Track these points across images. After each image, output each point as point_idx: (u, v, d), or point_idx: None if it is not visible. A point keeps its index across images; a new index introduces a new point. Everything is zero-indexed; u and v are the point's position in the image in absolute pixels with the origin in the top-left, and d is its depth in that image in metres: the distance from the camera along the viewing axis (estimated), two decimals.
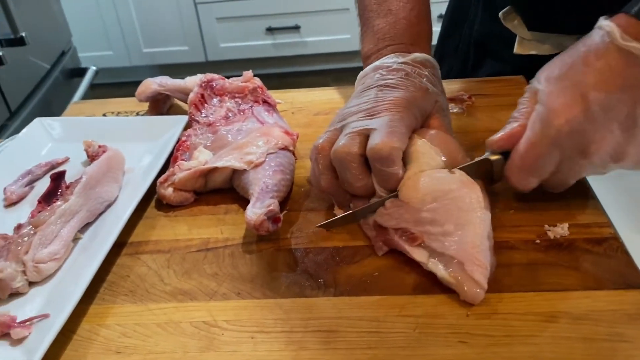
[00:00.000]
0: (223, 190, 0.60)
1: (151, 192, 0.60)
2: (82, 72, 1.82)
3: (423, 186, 0.49)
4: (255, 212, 0.51)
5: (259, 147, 0.59)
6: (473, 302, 0.44)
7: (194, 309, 0.47)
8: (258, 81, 0.69)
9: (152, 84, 0.73)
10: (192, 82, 0.70)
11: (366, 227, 0.52)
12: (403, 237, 0.49)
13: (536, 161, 0.48)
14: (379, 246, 0.51)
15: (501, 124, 0.52)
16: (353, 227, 0.53)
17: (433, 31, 0.64)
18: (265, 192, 0.54)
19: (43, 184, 0.62)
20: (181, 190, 0.59)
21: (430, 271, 0.47)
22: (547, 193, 0.52)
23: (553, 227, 0.51)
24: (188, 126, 0.67)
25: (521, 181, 0.50)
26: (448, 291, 0.46)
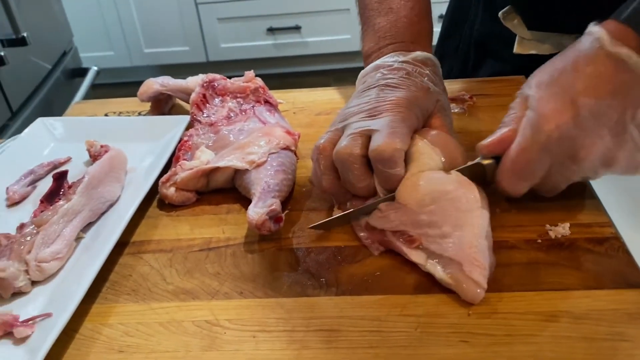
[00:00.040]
0: (225, 190, 0.60)
1: (153, 192, 0.60)
2: (84, 72, 1.83)
3: (420, 188, 0.49)
4: (257, 212, 0.51)
5: (261, 147, 0.59)
6: (473, 302, 0.44)
7: (196, 308, 0.47)
8: (260, 81, 0.69)
9: (154, 84, 0.73)
10: (194, 82, 0.70)
11: (358, 229, 0.52)
12: (401, 239, 0.49)
13: (527, 166, 0.48)
14: (376, 246, 0.51)
15: None
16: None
17: (433, 31, 0.64)
18: (267, 192, 0.54)
19: (45, 184, 0.62)
20: (183, 190, 0.59)
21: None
22: None
23: (554, 227, 0.51)
24: (190, 126, 0.67)
25: (512, 186, 0.50)
26: (449, 291, 0.46)
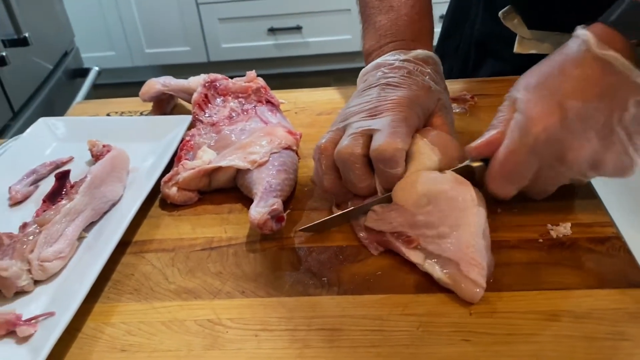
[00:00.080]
0: (227, 189, 0.60)
1: (155, 192, 0.60)
2: (85, 73, 1.83)
3: (416, 189, 0.49)
4: (259, 211, 0.51)
5: (263, 147, 0.59)
6: (472, 301, 0.45)
7: (198, 308, 0.47)
8: (261, 81, 0.70)
9: (156, 84, 0.73)
10: (196, 82, 0.71)
11: (357, 228, 0.52)
12: (399, 240, 0.49)
13: (515, 168, 0.48)
14: (374, 246, 0.51)
15: None
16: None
17: (434, 31, 0.64)
18: (268, 192, 0.54)
19: (47, 184, 0.62)
20: (185, 189, 0.59)
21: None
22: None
23: (556, 227, 0.51)
24: (192, 126, 0.67)
25: (500, 188, 0.50)
26: (451, 290, 0.46)
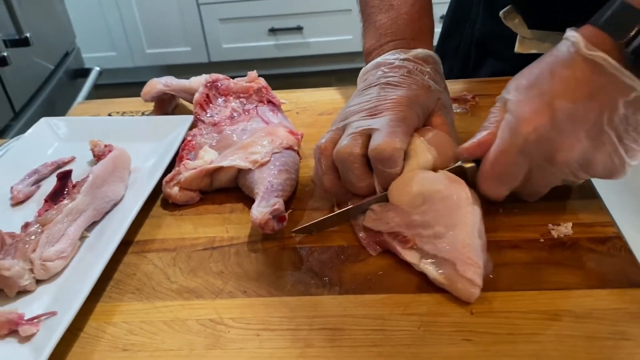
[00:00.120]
0: (228, 189, 0.61)
1: (157, 192, 0.60)
2: (86, 73, 1.83)
3: (411, 188, 0.49)
4: (260, 211, 0.51)
5: (264, 147, 0.59)
6: (469, 301, 0.45)
7: (200, 307, 0.47)
8: (263, 81, 0.70)
9: (158, 84, 0.73)
10: (197, 83, 0.71)
11: (357, 228, 0.53)
12: (395, 240, 0.49)
13: (505, 169, 0.48)
14: (372, 247, 0.51)
15: None
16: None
17: (434, 30, 0.64)
18: (270, 191, 0.54)
19: (49, 183, 0.62)
20: (187, 189, 0.59)
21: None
22: (551, 193, 0.52)
23: (557, 227, 0.51)
24: (193, 126, 0.67)
25: (492, 189, 0.50)
26: None
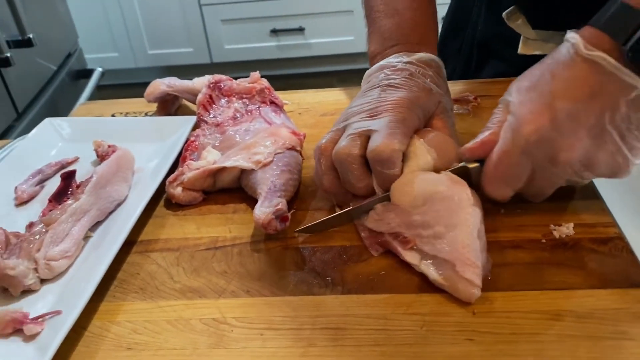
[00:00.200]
0: (231, 189, 0.61)
1: (160, 192, 0.61)
2: (89, 74, 1.84)
3: (412, 189, 0.49)
4: (263, 211, 0.52)
5: (267, 147, 0.59)
6: (469, 301, 0.45)
7: (203, 307, 0.47)
8: (265, 82, 0.70)
9: (161, 85, 0.73)
10: (200, 83, 0.71)
11: (360, 229, 0.53)
12: (396, 240, 0.49)
13: (508, 170, 0.48)
14: (375, 247, 0.51)
15: None
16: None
17: (438, 35, 0.64)
18: (273, 192, 0.55)
19: (53, 184, 0.63)
20: (190, 189, 0.59)
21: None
22: (553, 193, 0.52)
23: (558, 227, 0.51)
24: (196, 126, 0.68)
25: (496, 190, 0.50)
26: None
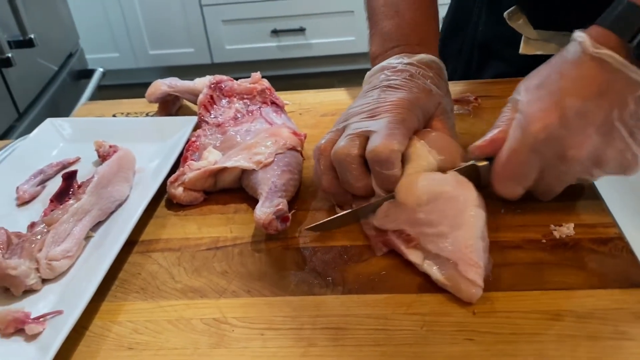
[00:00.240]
0: (232, 189, 0.61)
1: (161, 192, 0.61)
2: (90, 74, 1.84)
3: (419, 188, 0.49)
4: (264, 212, 0.52)
5: (268, 148, 0.59)
6: (470, 301, 0.45)
7: (204, 306, 0.48)
8: (266, 82, 0.70)
9: (162, 85, 0.74)
10: (202, 84, 0.71)
11: (366, 227, 0.53)
12: (400, 239, 0.50)
13: (518, 168, 0.49)
14: (379, 247, 0.51)
15: None
16: (360, 227, 0.54)
17: (439, 36, 0.64)
18: (273, 192, 0.55)
19: (55, 184, 0.63)
20: (191, 189, 0.60)
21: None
22: None
23: (559, 227, 0.51)
24: (197, 127, 0.68)
25: (506, 189, 0.50)
26: None
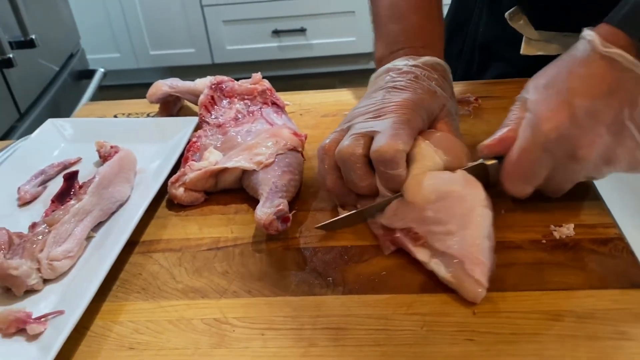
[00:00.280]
0: (233, 190, 0.61)
1: (162, 192, 0.61)
2: (91, 74, 1.84)
3: (427, 186, 0.49)
4: (265, 212, 0.52)
5: (268, 148, 0.60)
6: (474, 301, 0.45)
7: (205, 307, 0.48)
8: (267, 83, 0.70)
9: (163, 86, 0.74)
10: (202, 84, 0.71)
11: (374, 226, 0.53)
12: (407, 237, 0.50)
13: (529, 168, 0.49)
14: (387, 245, 0.51)
15: None
16: (361, 227, 0.54)
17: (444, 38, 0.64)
18: (274, 192, 0.55)
19: (56, 184, 0.63)
20: (192, 190, 0.60)
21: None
22: None
23: (559, 228, 0.51)
24: (198, 127, 0.68)
25: (516, 188, 0.50)
26: (454, 290, 0.46)
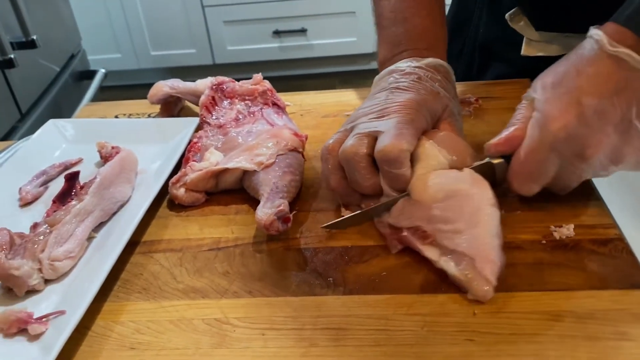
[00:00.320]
0: (233, 190, 0.61)
1: (163, 193, 0.61)
2: (91, 75, 1.85)
3: (434, 185, 0.49)
4: (265, 212, 0.52)
5: (269, 149, 0.60)
6: (482, 300, 0.45)
7: (206, 307, 0.48)
8: (267, 84, 0.70)
9: (164, 87, 0.74)
10: (203, 85, 0.71)
11: (380, 226, 0.53)
12: (415, 235, 0.50)
13: (536, 167, 0.49)
14: (394, 244, 0.51)
15: None
16: (362, 227, 0.54)
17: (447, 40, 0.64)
18: (275, 193, 0.55)
19: (57, 185, 0.63)
20: (193, 190, 0.60)
21: (439, 270, 0.48)
22: (553, 194, 0.53)
23: (559, 228, 0.51)
24: (199, 128, 0.68)
25: (523, 186, 0.51)
26: (455, 291, 0.46)
